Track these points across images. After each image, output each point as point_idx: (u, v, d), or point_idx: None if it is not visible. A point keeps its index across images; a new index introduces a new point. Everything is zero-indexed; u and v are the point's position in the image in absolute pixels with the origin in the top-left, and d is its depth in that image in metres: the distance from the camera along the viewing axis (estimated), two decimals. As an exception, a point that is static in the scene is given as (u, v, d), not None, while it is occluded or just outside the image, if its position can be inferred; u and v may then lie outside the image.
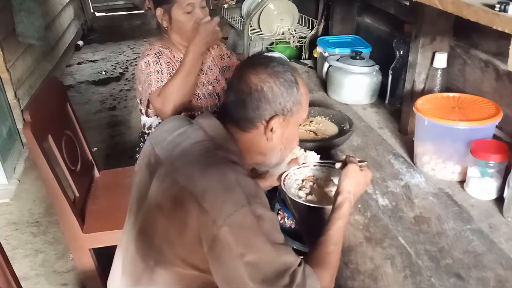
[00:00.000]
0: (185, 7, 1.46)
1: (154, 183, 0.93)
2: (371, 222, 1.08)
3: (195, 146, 0.92)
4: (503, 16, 0.67)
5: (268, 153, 0.98)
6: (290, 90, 0.92)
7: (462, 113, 1.18)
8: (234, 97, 0.93)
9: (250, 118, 0.92)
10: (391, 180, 1.24)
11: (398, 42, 1.53)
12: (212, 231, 0.79)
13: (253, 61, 0.97)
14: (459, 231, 1.04)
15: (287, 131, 0.96)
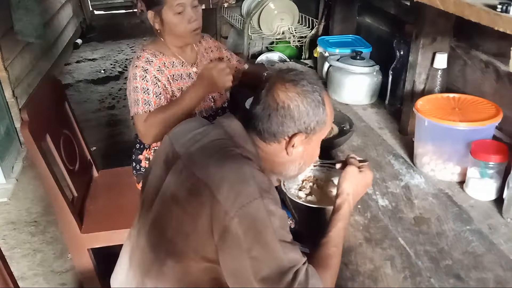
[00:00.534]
0: (175, 7, 1.42)
1: (171, 176, 0.95)
2: (371, 222, 1.08)
3: (213, 143, 0.94)
4: (505, 16, 0.67)
5: (286, 166, 0.99)
6: (316, 110, 0.93)
7: (462, 114, 1.18)
8: (260, 109, 0.93)
9: (273, 133, 0.93)
10: (391, 180, 1.23)
11: (399, 42, 1.53)
12: (224, 222, 0.81)
13: (284, 76, 0.96)
14: (459, 232, 1.03)
15: (308, 147, 0.97)
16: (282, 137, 0.94)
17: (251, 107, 0.97)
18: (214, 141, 0.95)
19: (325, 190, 1.17)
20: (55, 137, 1.59)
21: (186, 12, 1.44)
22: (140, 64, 1.45)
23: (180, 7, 1.43)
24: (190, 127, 1.04)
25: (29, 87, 3.21)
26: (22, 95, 3.04)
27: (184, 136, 1.02)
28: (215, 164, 0.88)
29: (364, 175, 1.04)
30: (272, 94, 0.92)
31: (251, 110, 0.96)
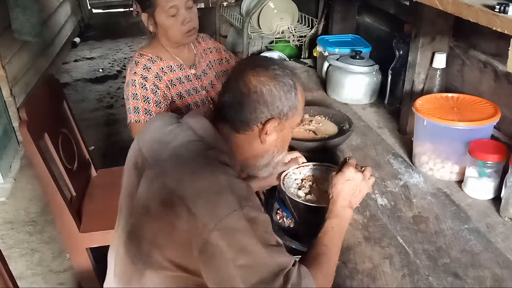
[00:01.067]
0: (168, 10, 1.41)
1: (142, 185, 0.91)
2: (370, 221, 1.09)
3: (184, 147, 0.90)
4: (502, 17, 0.68)
5: (260, 155, 0.97)
6: (288, 94, 0.91)
7: (460, 113, 1.18)
8: (231, 97, 0.91)
9: (246, 120, 0.91)
10: (390, 179, 1.24)
11: (398, 42, 1.53)
12: (203, 235, 0.78)
13: (254, 61, 0.95)
14: (457, 230, 1.04)
15: (281, 134, 0.96)
16: (255, 124, 0.91)
17: (220, 96, 0.94)
18: (185, 145, 0.90)
19: (324, 189, 1.17)
20: (53, 136, 1.59)
21: (180, 13, 1.42)
22: (138, 72, 1.44)
23: (173, 9, 1.41)
24: (157, 127, 0.99)
25: (27, 86, 3.20)
26: (20, 94, 3.03)
27: (151, 139, 0.97)
28: (189, 175, 0.83)
29: (361, 176, 1.03)
30: (243, 80, 0.90)
31: (221, 99, 0.93)
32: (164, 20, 1.43)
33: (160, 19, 1.44)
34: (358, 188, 1.03)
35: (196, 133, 0.92)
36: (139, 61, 1.46)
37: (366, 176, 1.04)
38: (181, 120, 0.97)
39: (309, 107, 1.56)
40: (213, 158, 0.87)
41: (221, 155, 0.89)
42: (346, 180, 1.02)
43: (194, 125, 0.93)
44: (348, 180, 1.02)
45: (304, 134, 1.43)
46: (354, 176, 1.02)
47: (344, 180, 1.02)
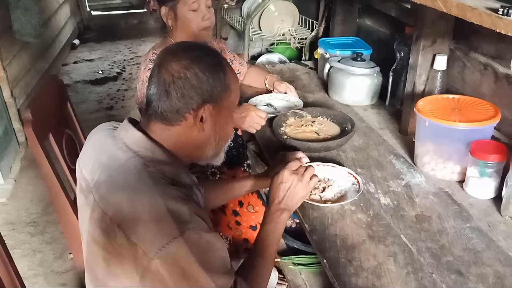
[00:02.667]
0: (191, 4, 1.47)
1: (87, 212, 0.88)
2: (373, 220, 1.10)
3: (121, 168, 0.85)
4: (506, 19, 0.70)
5: (202, 146, 0.93)
6: (216, 75, 0.87)
7: (461, 114, 1.21)
8: (155, 88, 0.86)
9: (176, 109, 0.86)
10: (393, 179, 1.26)
11: (399, 44, 1.56)
12: (142, 263, 0.76)
13: (173, 48, 0.90)
14: (459, 229, 1.06)
15: (219, 119, 0.91)
16: (187, 112, 0.86)
17: (147, 91, 0.89)
18: (122, 166, 0.85)
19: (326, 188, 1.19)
20: (57, 136, 1.59)
21: (201, 9, 1.49)
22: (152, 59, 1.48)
23: (195, 4, 1.48)
24: (93, 145, 0.95)
25: (27, 86, 3.20)
26: (20, 95, 3.04)
27: (89, 159, 0.92)
28: (127, 200, 0.80)
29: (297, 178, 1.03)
30: (165, 67, 0.85)
31: (147, 94, 0.89)
32: (186, 14, 1.49)
33: (181, 12, 1.49)
34: (293, 191, 1.03)
35: (130, 148, 0.87)
36: (152, 58, 1.50)
37: (305, 178, 1.04)
38: (115, 134, 0.92)
39: (311, 108, 1.58)
40: (153, 176, 0.83)
41: (161, 166, 0.86)
42: (280, 183, 1.03)
43: (127, 139, 0.89)
44: (282, 183, 1.03)
45: (307, 135, 1.45)
46: (289, 178, 1.03)
47: (278, 183, 1.03)
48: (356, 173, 1.24)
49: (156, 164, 0.86)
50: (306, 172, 1.06)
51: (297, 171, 1.06)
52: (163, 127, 0.89)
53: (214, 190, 1.25)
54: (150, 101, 0.89)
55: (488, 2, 0.76)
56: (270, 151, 1.43)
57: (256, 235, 1.66)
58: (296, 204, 1.05)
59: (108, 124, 1.01)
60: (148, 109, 0.90)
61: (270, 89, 1.79)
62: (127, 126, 0.91)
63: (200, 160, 0.99)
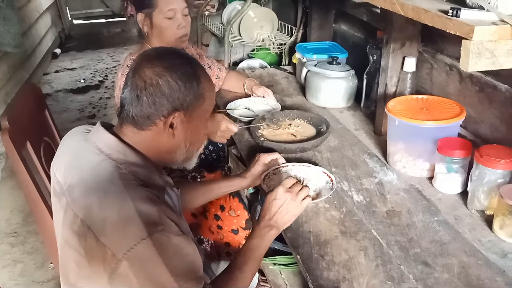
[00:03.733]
0: (167, 12, 1.48)
1: (60, 215, 0.88)
2: (346, 217, 1.14)
3: (93, 170, 0.86)
4: (455, 20, 0.74)
5: (172, 151, 0.93)
6: (189, 83, 0.88)
7: (429, 113, 1.26)
8: (128, 93, 0.88)
9: (147, 115, 0.87)
10: (366, 178, 1.30)
11: (372, 48, 1.61)
12: (111, 264, 0.76)
13: (150, 53, 0.91)
14: (427, 223, 1.10)
15: (190, 126, 0.92)
16: (157, 118, 0.87)
17: (121, 94, 0.91)
18: (94, 169, 0.86)
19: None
20: (35, 145, 1.58)
21: (176, 18, 1.49)
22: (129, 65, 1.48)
23: (171, 12, 1.48)
24: (66, 148, 0.96)
25: (7, 96, 3.18)
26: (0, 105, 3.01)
27: (62, 162, 0.93)
28: (96, 203, 0.80)
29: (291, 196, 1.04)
30: (139, 73, 0.87)
31: (121, 98, 0.90)
32: (161, 22, 1.49)
33: (157, 20, 1.49)
34: (285, 208, 1.04)
35: (102, 151, 0.88)
36: (131, 58, 1.51)
37: (299, 198, 1.05)
38: (88, 137, 0.93)
39: (289, 110, 1.62)
40: (125, 177, 0.84)
41: (133, 168, 0.87)
42: (273, 200, 1.04)
43: (99, 142, 0.90)
44: (275, 199, 1.04)
45: (284, 137, 1.48)
46: (283, 196, 1.04)
47: (271, 199, 1.05)
48: (330, 172, 1.28)
49: (128, 166, 0.87)
50: (300, 191, 1.06)
51: (292, 189, 1.06)
52: (134, 131, 0.90)
53: (193, 191, 1.27)
54: (123, 105, 0.90)
55: (440, 5, 0.81)
56: (248, 153, 1.46)
57: (237, 239, 1.70)
58: (286, 223, 1.05)
59: (82, 127, 1.02)
60: (121, 112, 0.92)
61: (249, 93, 1.83)
62: (99, 129, 0.92)
63: (171, 164, 1.00)
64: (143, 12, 1.51)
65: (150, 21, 1.51)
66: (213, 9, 2.94)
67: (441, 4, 0.82)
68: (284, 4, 2.55)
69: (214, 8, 2.94)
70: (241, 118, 1.63)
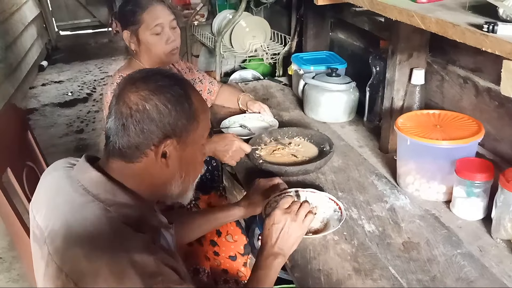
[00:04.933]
0: (154, 28, 1.38)
1: (42, 266, 0.78)
2: (358, 251, 1.02)
3: (78, 215, 0.75)
4: (492, 37, 0.63)
5: (167, 183, 0.84)
6: (180, 106, 0.78)
7: (444, 131, 1.15)
8: (113, 122, 0.79)
9: (135, 145, 0.78)
10: (376, 203, 1.18)
11: (374, 59, 1.50)
12: None
13: (133, 76, 0.81)
14: (450, 256, 0.99)
15: (185, 154, 0.82)
16: (147, 148, 0.78)
17: (105, 124, 0.81)
18: (79, 213, 0.75)
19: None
20: (17, 170, 1.46)
21: (164, 32, 1.40)
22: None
23: (158, 27, 1.39)
24: (47, 187, 0.84)
25: (-10, 113, 3.03)
26: (-18, 123, 2.87)
27: (43, 203, 0.82)
28: (84, 256, 0.70)
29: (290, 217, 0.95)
30: (123, 99, 0.78)
31: (106, 128, 0.81)
32: (148, 38, 1.40)
33: (144, 37, 1.40)
34: (287, 232, 0.94)
35: (88, 191, 0.78)
36: (120, 77, 1.40)
37: (299, 217, 0.96)
38: (72, 174, 0.83)
39: (287, 128, 1.50)
40: (115, 223, 0.74)
41: (124, 210, 0.77)
42: (272, 225, 0.95)
43: (84, 180, 0.79)
44: (274, 224, 0.95)
45: (284, 159, 1.36)
46: (281, 218, 0.95)
47: (270, 224, 0.95)
48: (337, 197, 1.17)
49: (118, 208, 0.77)
50: (300, 209, 0.97)
51: (290, 209, 0.97)
52: (123, 165, 0.80)
53: (188, 224, 1.17)
54: (108, 136, 0.80)
55: (467, 17, 0.70)
56: (246, 176, 1.34)
57: (235, 266, 1.58)
58: (291, 247, 0.96)
59: (64, 161, 0.91)
60: (106, 145, 0.82)
61: (244, 109, 1.71)
62: (84, 165, 0.82)
63: (165, 199, 0.89)
64: (128, 30, 1.41)
65: (136, 39, 1.41)
66: (202, 19, 2.82)
67: (467, 17, 0.71)
68: (276, 12, 2.44)
69: (203, 17, 2.83)
70: (237, 138, 1.51)
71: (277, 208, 0.97)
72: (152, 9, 1.39)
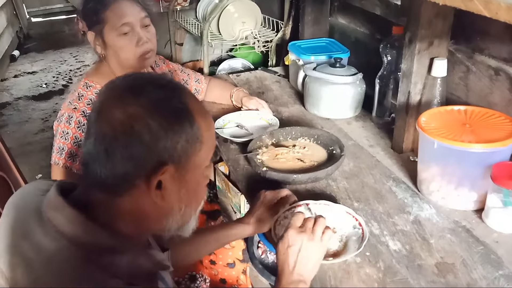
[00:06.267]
0: (120, 27, 1.16)
1: None
2: (386, 276, 0.88)
3: (49, 267, 0.60)
4: None
5: (163, 218, 0.68)
6: (178, 125, 0.62)
7: (474, 131, 1.00)
8: (92, 145, 0.62)
9: (122, 175, 0.61)
10: (398, 214, 1.04)
11: (385, 47, 1.34)
12: None
13: (117, 86, 0.65)
14: (492, 279, 0.86)
15: (185, 182, 0.65)
16: (137, 178, 0.61)
17: (83, 146, 0.65)
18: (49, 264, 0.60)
19: None
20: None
21: (134, 32, 1.18)
22: (80, 107, 1.17)
23: (126, 27, 1.16)
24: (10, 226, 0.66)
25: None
26: None
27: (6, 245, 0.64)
28: None
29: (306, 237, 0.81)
30: (105, 116, 0.61)
31: (83, 149, 0.64)
32: (115, 40, 1.17)
33: (109, 39, 1.17)
34: (305, 254, 0.81)
35: (63, 234, 0.61)
36: (83, 95, 1.19)
37: (317, 235, 0.83)
38: (42, 209, 0.64)
39: (290, 128, 1.34)
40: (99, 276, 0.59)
41: (110, 258, 0.61)
42: (287, 248, 0.81)
43: (58, 221, 0.62)
44: (289, 246, 0.81)
45: (289, 164, 1.20)
46: (297, 239, 0.81)
47: (285, 248, 0.81)
48: (353, 209, 1.02)
49: (103, 255, 0.61)
50: (316, 226, 0.83)
51: (305, 227, 0.83)
52: (107, 199, 0.64)
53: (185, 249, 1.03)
54: (87, 163, 0.64)
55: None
56: (248, 186, 1.18)
57: (234, 273, 1.44)
58: (312, 271, 0.82)
59: (33, 187, 0.73)
60: (85, 173, 0.64)
61: (238, 106, 1.54)
62: (56, 200, 0.64)
63: (161, 233, 0.72)
64: (93, 30, 1.18)
65: (102, 40, 1.18)
66: (185, 3, 2.60)
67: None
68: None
69: (186, 1, 2.61)
70: (233, 139, 1.35)
71: (289, 228, 0.83)
72: (117, 5, 1.16)
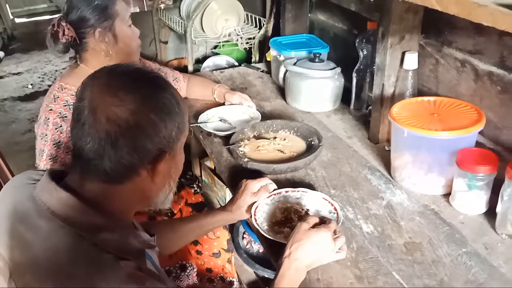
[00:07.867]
0: (128, 19, 1.30)
1: None
2: (358, 255, 0.94)
3: (45, 244, 0.64)
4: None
5: (154, 196, 0.76)
6: (169, 116, 0.69)
7: (441, 120, 1.07)
8: (93, 144, 0.66)
9: (127, 166, 0.67)
10: (372, 200, 1.10)
11: (361, 42, 1.40)
12: None
13: (106, 83, 0.68)
14: (455, 256, 0.92)
15: (174, 162, 0.74)
16: (141, 167, 0.69)
17: (77, 143, 0.68)
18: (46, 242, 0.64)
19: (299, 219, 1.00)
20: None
21: (132, 25, 1.33)
22: (56, 109, 1.22)
23: (130, 20, 1.31)
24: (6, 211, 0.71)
25: None
26: None
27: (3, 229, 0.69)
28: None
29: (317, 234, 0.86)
30: (106, 115, 0.65)
31: (79, 149, 0.68)
32: (126, 31, 1.29)
33: (121, 30, 1.27)
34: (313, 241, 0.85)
35: (55, 214, 0.66)
36: (59, 96, 1.23)
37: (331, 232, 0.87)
38: (35, 194, 0.70)
39: (271, 121, 1.39)
40: (92, 252, 0.64)
41: (102, 235, 0.66)
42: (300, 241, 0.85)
43: (50, 202, 0.67)
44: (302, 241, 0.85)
45: (270, 155, 1.25)
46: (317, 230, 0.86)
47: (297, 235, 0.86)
48: (330, 195, 1.08)
49: (94, 233, 0.66)
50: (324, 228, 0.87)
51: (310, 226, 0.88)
52: (104, 187, 0.69)
53: (170, 235, 1.07)
54: (87, 159, 0.67)
55: (492, -5, 0.60)
56: (230, 176, 1.23)
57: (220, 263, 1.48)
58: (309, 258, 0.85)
59: (25, 177, 0.77)
60: (80, 164, 0.69)
61: (221, 102, 1.58)
62: (49, 185, 0.69)
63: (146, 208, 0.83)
64: (100, 27, 1.24)
65: (113, 34, 1.26)
66: (169, 1, 2.63)
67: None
68: (249, -7, 2.29)
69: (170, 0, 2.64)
70: (217, 133, 1.39)
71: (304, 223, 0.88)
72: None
